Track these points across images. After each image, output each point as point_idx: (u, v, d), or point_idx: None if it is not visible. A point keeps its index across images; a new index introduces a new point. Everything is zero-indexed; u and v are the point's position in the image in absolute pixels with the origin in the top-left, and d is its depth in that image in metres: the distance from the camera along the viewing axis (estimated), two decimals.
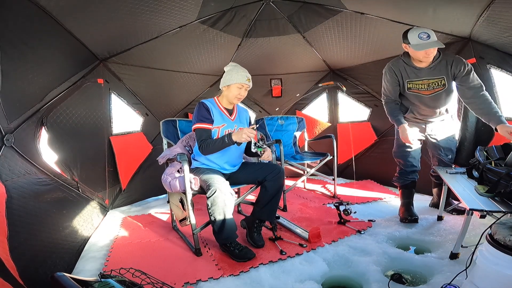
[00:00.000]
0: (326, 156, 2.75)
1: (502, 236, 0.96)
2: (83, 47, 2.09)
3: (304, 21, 2.68)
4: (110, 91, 2.52)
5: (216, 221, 1.67)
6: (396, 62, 2.02)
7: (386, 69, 2.07)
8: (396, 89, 2.07)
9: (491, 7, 1.79)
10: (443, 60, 1.91)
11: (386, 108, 2.15)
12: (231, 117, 1.94)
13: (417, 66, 1.94)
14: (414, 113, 2.11)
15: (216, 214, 1.66)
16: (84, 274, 1.59)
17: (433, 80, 1.95)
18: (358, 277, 1.51)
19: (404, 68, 1.98)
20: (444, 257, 1.60)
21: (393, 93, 2.09)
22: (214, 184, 1.65)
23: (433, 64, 1.91)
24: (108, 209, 2.57)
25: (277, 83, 3.58)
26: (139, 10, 1.96)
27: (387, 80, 2.08)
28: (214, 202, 1.64)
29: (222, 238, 1.72)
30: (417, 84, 1.98)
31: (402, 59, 1.99)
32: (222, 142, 1.73)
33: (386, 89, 2.12)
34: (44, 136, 1.84)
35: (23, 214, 1.36)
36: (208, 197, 1.65)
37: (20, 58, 1.50)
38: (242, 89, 1.87)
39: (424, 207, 2.46)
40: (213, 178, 1.71)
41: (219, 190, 1.63)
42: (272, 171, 1.87)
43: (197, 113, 1.83)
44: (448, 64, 1.90)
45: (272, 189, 1.85)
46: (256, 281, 1.50)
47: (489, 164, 1.69)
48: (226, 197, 1.65)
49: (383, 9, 2.26)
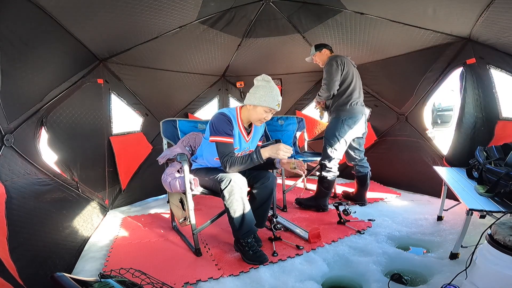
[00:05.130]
0: None
1: (502, 236, 0.96)
2: (83, 47, 2.09)
3: (304, 21, 2.68)
4: (110, 91, 2.52)
5: (236, 212, 1.61)
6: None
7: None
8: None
9: (491, 7, 1.80)
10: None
11: None
12: (247, 138, 1.78)
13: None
14: None
15: (235, 205, 1.60)
16: (84, 274, 1.58)
17: None
18: (358, 277, 1.51)
19: None
20: (444, 257, 1.60)
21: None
22: (226, 176, 1.62)
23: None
24: (108, 209, 2.57)
25: (277, 83, 3.59)
26: (139, 10, 1.96)
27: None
28: (231, 192, 1.59)
29: (244, 232, 1.64)
30: None
31: None
32: (251, 159, 1.58)
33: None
34: (44, 136, 1.84)
35: (23, 214, 1.36)
36: (223, 189, 1.60)
37: (20, 58, 1.50)
38: (269, 113, 1.67)
39: (424, 207, 2.46)
40: (222, 171, 1.68)
41: (233, 180, 1.59)
42: (260, 179, 1.81)
43: (218, 125, 1.63)
44: None
45: (259, 197, 1.81)
46: (256, 281, 1.49)
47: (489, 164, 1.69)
48: (242, 185, 1.62)
49: (383, 9, 2.26)
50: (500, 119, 2.14)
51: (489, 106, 2.20)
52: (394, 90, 3.03)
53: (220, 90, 3.57)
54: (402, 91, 2.91)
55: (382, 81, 3.10)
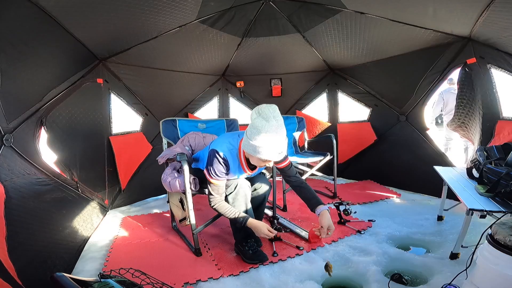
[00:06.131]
0: (326, 156, 2.74)
1: (502, 236, 0.96)
2: (82, 47, 2.08)
3: (304, 21, 2.68)
4: (109, 91, 2.51)
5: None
6: None
7: None
8: None
9: (492, 6, 1.79)
10: None
11: None
12: (248, 172, 1.65)
13: None
14: None
15: (238, 208, 1.62)
16: (83, 274, 1.58)
17: None
18: (358, 277, 1.51)
19: None
20: (444, 257, 1.60)
21: None
22: (232, 182, 1.62)
23: None
24: (108, 209, 2.57)
25: (277, 83, 3.58)
26: (138, 10, 1.96)
27: None
28: (235, 196, 1.61)
29: (245, 235, 1.66)
30: None
31: None
32: (236, 221, 1.57)
33: None
34: (44, 136, 1.83)
35: (22, 214, 1.36)
36: (228, 194, 1.62)
37: (19, 58, 1.50)
38: (268, 162, 1.45)
39: (425, 207, 2.45)
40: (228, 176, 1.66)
41: (239, 184, 1.61)
42: (253, 184, 1.81)
43: (214, 165, 1.51)
44: None
45: (252, 203, 1.79)
46: (256, 281, 1.49)
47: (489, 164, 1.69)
48: (246, 190, 1.63)
49: (384, 9, 2.25)
50: (500, 119, 2.14)
51: (489, 106, 2.19)
52: (394, 89, 3.02)
53: (220, 90, 3.56)
54: (402, 91, 2.90)
55: (382, 81, 3.09)
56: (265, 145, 1.33)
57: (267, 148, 1.34)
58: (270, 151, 1.35)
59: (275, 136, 1.34)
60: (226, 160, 1.52)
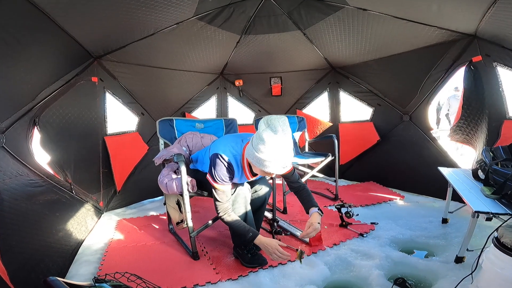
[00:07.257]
0: (328, 156, 2.70)
1: (509, 239, 0.95)
2: (76, 45, 2.05)
3: (305, 18, 2.64)
4: (104, 89, 2.47)
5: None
6: None
7: None
8: None
9: (498, 3, 1.76)
10: None
11: None
12: (251, 178, 1.62)
13: None
14: None
15: (237, 212, 1.60)
16: (77, 278, 1.55)
17: None
18: (360, 282, 1.49)
19: None
20: (449, 261, 1.57)
21: None
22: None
23: None
24: (103, 211, 2.53)
25: (276, 82, 3.54)
26: (134, 6, 1.92)
27: None
28: (235, 199, 1.59)
29: (243, 239, 1.61)
30: None
31: None
32: (245, 235, 1.50)
33: None
34: (37, 136, 1.80)
35: (14, 216, 1.34)
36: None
37: (12, 55, 1.48)
38: (272, 174, 1.45)
39: (429, 209, 2.42)
40: None
41: (239, 187, 1.60)
42: (253, 187, 1.78)
43: (217, 169, 1.47)
44: None
45: (252, 205, 1.75)
46: (255, 285, 1.46)
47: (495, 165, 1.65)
48: (246, 194, 1.63)
49: (386, 5, 2.22)
50: (507, 119, 2.10)
51: (495, 105, 2.15)
52: (397, 88, 2.98)
53: (218, 89, 3.53)
54: (406, 90, 2.86)
55: (385, 79, 3.05)
56: (271, 159, 1.31)
57: (272, 163, 1.32)
58: (275, 165, 1.33)
59: (282, 150, 1.31)
60: (230, 165, 1.48)
